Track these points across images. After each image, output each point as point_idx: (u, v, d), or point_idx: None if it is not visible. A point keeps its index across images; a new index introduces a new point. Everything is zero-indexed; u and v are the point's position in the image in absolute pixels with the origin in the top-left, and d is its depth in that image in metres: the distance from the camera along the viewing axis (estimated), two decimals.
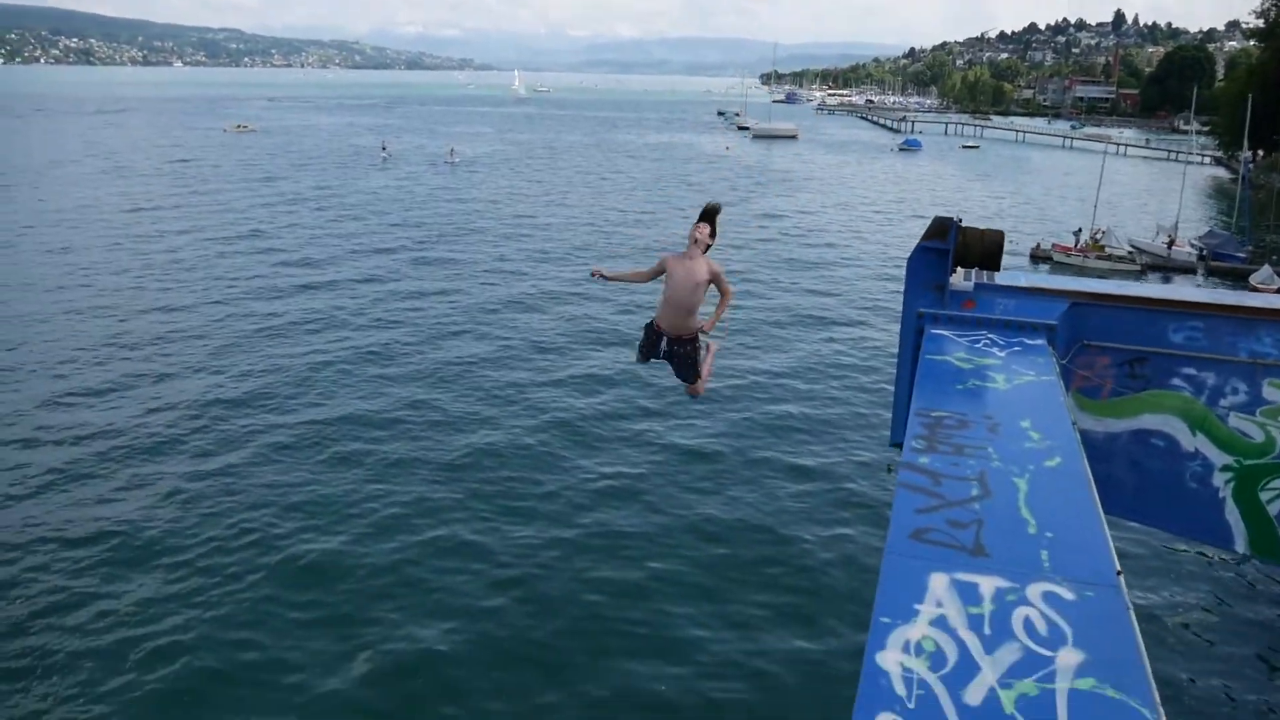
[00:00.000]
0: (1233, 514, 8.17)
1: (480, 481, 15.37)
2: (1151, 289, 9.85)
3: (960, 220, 8.18)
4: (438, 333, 24.05)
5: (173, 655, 10.78)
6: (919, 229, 9.26)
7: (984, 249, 8.19)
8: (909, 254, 8.12)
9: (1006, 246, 8.54)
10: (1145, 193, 64.74)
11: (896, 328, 8.80)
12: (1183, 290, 11.13)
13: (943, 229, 8.14)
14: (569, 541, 13.51)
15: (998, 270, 8.40)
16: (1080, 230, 38.81)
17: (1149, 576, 13.20)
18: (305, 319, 25.04)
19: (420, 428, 17.52)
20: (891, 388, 9.36)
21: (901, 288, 8.41)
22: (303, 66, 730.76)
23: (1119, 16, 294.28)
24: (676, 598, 12.27)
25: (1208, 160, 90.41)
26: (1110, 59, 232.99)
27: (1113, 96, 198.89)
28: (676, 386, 8.25)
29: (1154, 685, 3.14)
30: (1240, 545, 8.27)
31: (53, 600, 11.81)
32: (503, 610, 11.90)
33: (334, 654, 10.95)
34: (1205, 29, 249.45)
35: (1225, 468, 8.08)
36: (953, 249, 8.07)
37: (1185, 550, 13.71)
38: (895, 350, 8.94)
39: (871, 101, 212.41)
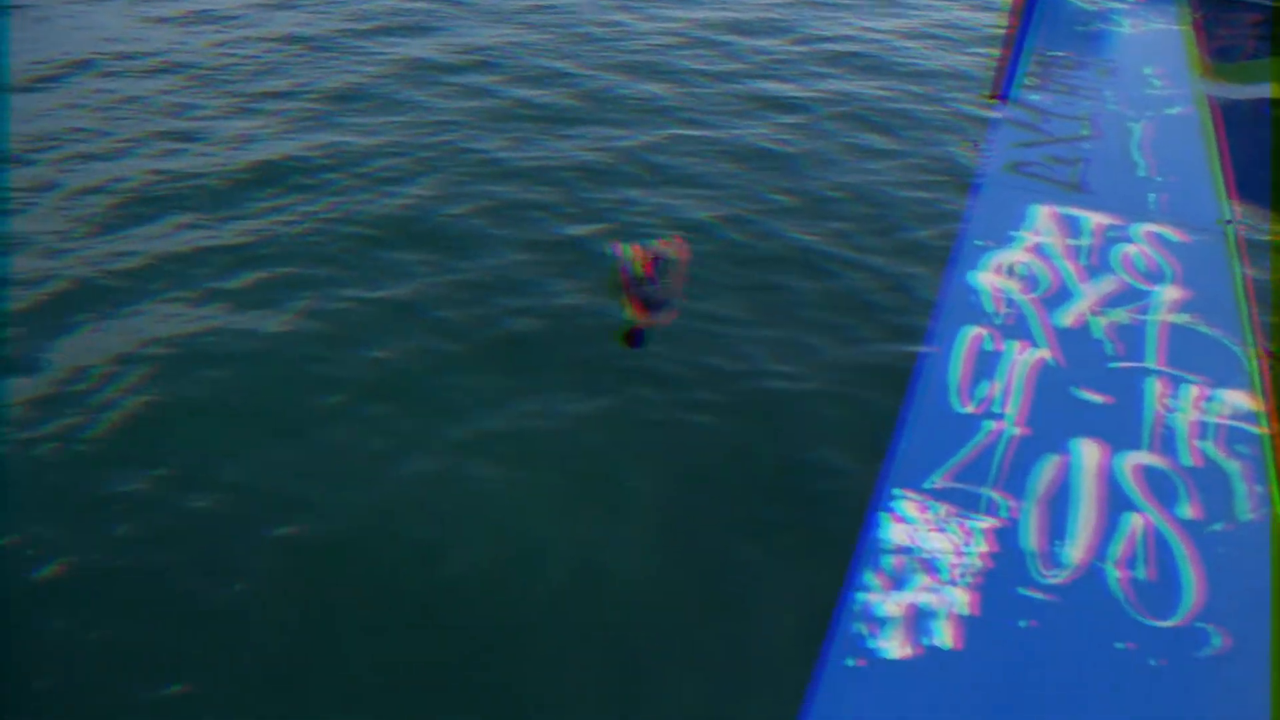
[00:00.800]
0: None
1: (563, 123, 15.18)
2: None
3: None
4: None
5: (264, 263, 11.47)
6: None
7: None
8: None
9: None
10: None
11: None
12: None
13: None
14: (658, 186, 13.46)
15: None
16: None
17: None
18: None
19: (511, 68, 17.09)
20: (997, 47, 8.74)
21: None
22: None
23: None
24: (768, 254, 12.37)
25: None
26: None
27: None
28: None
29: (1251, 326, 3.07)
30: None
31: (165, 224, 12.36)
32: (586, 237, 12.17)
33: (424, 272, 11.48)
34: None
35: None
36: None
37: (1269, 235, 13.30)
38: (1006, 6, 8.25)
39: None
